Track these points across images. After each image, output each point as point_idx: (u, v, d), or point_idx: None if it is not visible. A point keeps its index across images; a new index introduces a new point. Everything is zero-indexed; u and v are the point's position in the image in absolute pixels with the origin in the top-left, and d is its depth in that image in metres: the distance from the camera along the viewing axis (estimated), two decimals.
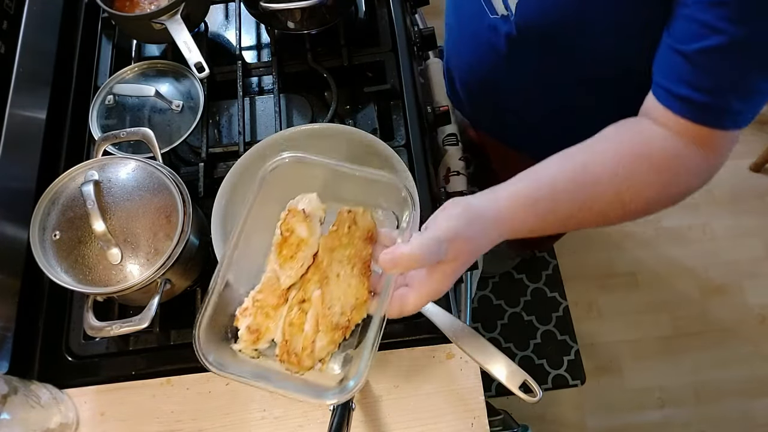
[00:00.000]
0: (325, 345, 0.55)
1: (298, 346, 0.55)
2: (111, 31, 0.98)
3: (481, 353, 0.62)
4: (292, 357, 0.54)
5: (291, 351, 0.54)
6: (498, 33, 0.77)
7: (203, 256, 0.75)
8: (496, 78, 0.86)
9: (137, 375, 0.74)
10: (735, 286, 1.69)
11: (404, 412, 0.69)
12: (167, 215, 0.67)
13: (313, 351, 0.54)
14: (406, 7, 0.97)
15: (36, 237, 0.67)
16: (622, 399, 1.57)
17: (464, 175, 0.93)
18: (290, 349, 0.55)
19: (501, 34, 0.76)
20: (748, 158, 1.83)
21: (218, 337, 0.56)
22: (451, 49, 0.98)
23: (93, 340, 0.75)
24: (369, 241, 0.57)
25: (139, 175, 0.70)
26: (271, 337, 0.56)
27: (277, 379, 0.55)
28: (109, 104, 0.85)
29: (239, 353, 0.57)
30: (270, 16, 0.89)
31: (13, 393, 0.63)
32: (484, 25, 0.79)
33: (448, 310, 0.73)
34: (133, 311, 0.75)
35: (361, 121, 0.92)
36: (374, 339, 0.54)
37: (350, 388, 0.52)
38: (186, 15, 0.85)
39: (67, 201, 0.68)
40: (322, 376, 0.56)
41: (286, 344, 0.55)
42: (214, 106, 0.93)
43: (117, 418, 0.72)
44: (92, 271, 0.65)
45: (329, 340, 0.55)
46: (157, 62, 0.88)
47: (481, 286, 1.70)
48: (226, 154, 0.87)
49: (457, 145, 0.96)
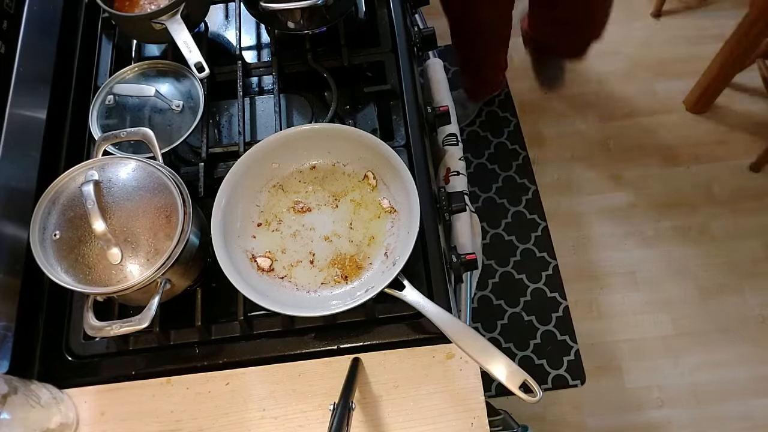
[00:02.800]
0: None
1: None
2: (111, 31, 0.98)
3: (481, 353, 0.63)
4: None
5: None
6: None
7: (203, 256, 0.75)
8: None
9: (137, 375, 0.74)
10: (735, 286, 1.69)
11: (404, 412, 0.69)
12: (167, 215, 0.67)
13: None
14: (406, 7, 0.97)
15: (36, 237, 0.67)
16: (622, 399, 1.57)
17: (464, 175, 0.93)
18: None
19: None
20: (748, 158, 1.83)
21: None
22: None
23: (93, 340, 0.75)
24: None
25: (139, 175, 0.70)
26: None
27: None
28: (109, 104, 0.85)
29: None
30: (270, 16, 0.89)
31: (13, 393, 0.63)
32: None
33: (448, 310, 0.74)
34: (133, 311, 0.75)
35: (361, 121, 0.92)
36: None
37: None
38: (186, 15, 0.85)
39: (67, 201, 0.68)
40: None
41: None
42: (214, 106, 0.93)
43: (117, 418, 0.72)
44: (92, 270, 0.65)
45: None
46: (157, 62, 0.88)
47: (481, 286, 1.70)
48: (226, 154, 0.87)
49: (457, 145, 0.96)
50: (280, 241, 0.77)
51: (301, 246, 0.77)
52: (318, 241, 0.77)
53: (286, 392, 0.72)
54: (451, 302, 0.75)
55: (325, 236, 0.77)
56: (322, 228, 0.77)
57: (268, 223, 0.78)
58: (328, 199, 0.79)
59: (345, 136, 0.78)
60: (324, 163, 0.81)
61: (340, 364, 0.71)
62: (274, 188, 0.80)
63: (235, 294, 0.74)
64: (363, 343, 0.73)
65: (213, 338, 0.75)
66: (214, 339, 0.75)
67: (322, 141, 0.79)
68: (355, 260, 0.75)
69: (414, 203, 0.72)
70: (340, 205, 0.79)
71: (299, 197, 0.79)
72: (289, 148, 0.80)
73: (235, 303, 0.74)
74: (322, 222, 0.78)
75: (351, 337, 0.74)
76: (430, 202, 0.79)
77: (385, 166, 0.77)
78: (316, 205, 0.79)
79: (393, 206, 0.77)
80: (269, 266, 0.75)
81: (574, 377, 1.59)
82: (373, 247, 0.76)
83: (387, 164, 0.76)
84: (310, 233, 0.77)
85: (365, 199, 0.79)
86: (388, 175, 0.78)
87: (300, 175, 0.81)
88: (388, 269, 0.71)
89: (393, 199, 0.78)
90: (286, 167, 0.81)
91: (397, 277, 0.68)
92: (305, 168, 0.81)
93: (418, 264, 0.76)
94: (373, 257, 0.75)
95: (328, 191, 0.80)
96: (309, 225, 0.78)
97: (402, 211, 0.76)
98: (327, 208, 0.79)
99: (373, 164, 0.79)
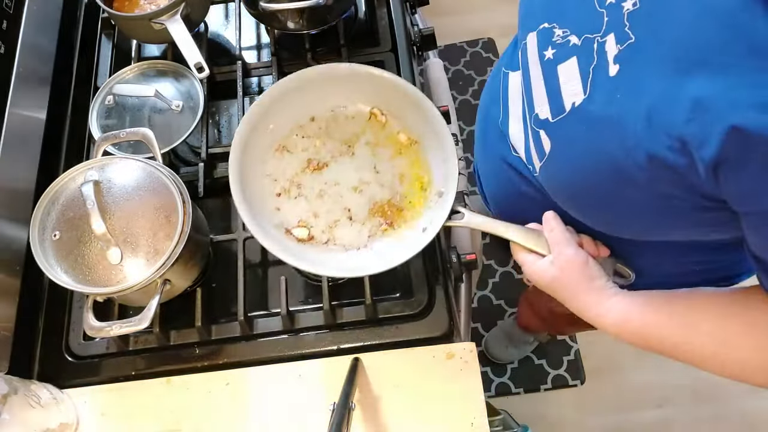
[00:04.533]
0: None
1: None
2: (111, 31, 0.98)
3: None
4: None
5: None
6: (520, 174, 0.68)
7: (203, 256, 0.75)
8: (522, 211, 0.72)
9: (137, 375, 0.74)
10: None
11: (404, 412, 0.69)
12: (167, 215, 0.67)
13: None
14: (406, 7, 0.97)
15: (36, 237, 0.67)
16: (622, 399, 1.57)
17: (464, 175, 0.93)
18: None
19: (524, 177, 0.67)
20: None
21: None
22: (477, 156, 0.86)
23: (93, 340, 0.75)
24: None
25: (138, 175, 0.70)
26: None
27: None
28: (109, 104, 0.85)
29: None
30: (270, 16, 0.89)
31: (13, 393, 0.63)
32: (504, 159, 0.70)
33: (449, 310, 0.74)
34: (133, 311, 0.75)
35: None
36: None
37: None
38: (186, 15, 0.85)
39: (67, 201, 0.68)
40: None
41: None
42: (214, 106, 0.93)
43: (117, 418, 0.72)
44: (92, 271, 0.65)
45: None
46: (157, 62, 0.88)
47: (481, 286, 1.70)
48: (226, 155, 0.86)
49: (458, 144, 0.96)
50: (308, 206, 0.72)
51: (332, 204, 0.71)
52: (348, 195, 0.71)
53: (286, 392, 0.72)
54: (452, 302, 0.75)
55: (353, 187, 0.72)
56: (346, 180, 0.72)
57: (287, 190, 0.73)
58: (341, 148, 0.74)
59: (335, 76, 0.72)
60: (322, 111, 0.75)
61: (340, 364, 0.71)
62: (277, 152, 0.74)
63: (235, 294, 0.74)
64: (363, 343, 0.73)
65: (213, 338, 0.75)
66: (214, 339, 0.75)
67: (312, 88, 0.73)
68: (393, 204, 0.71)
69: (438, 124, 0.68)
70: (356, 152, 0.73)
71: (309, 154, 0.74)
72: (279, 105, 0.73)
73: (235, 303, 0.74)
74: (344, 174, 0.72)
75: (351, 337, 0.74)
76: None
77: (391, 97, 0.72)
78: (331, 158, 0.73)
79: (412, 138, 0.73)
80: (308, 235, 0.70)
81: (574, 377, 1.58)
82: (407, 185, 0.71)
83: (392, 93, 0.71)
84: (336, 189, 0.72)
85: (379, 138, 0.73)
86: (396, 105, 0.73)
87: (301, 130, 0.75)
88: (434, 203, 0.68)
89: (409, 130, 0.73)
90: (283, 126, 0.74)
91: (451, 208, 0.65)
92: (304, 121, 0.75)
93: (419, 264, 0.76)
94: (411, 195, 0.71)
95: (337, 140, 0.74)
96: (332, 181, 0.72)
97: (425, 139, 0.72)
98: (343, 158, 0.73)
99: (375, 99, 0.74)
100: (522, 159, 0.66)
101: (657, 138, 0.44)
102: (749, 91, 0.39)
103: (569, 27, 0.54)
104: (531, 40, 0.61)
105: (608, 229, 0.61)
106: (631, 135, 0.46)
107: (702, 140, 0.41)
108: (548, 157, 0.59)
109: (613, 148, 0.49)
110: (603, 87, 0.50)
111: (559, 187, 0.61)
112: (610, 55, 0.49)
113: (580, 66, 0.52)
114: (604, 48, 0.49)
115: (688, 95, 0.42)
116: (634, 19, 0.47)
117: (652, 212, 0.52)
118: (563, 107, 0.55)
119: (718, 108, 0.40)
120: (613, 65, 0.48)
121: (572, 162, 0.56)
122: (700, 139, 0.42)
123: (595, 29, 0.51)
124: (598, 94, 0.50)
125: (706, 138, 0.41)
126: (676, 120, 0.43)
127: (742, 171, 0.41)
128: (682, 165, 0.44)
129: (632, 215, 0.55)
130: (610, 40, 0.49)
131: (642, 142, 0.46)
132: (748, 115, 0.39)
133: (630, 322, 0.59)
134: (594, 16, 0.51)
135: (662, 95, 0.44)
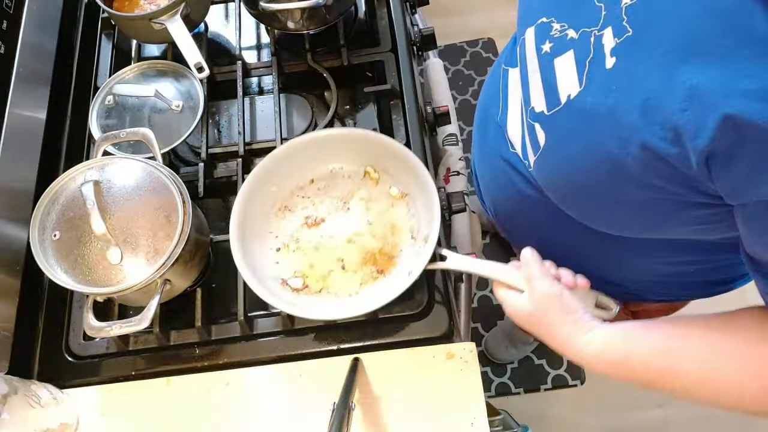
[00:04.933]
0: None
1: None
2: (111, 31, 0.98)
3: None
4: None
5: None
6: (516, 170, 0.68)
7: (203, 256, 0.75)
8: (519, 210, 0.75)
9: (137, 375, 0.74)
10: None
11: (404, 412, 0.69)
12: (167, 215, 0.67)
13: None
14: (406, 7, 0.97)
15: (36, 237, 0.67)
16: (622, 399, 1.57)
17: (464, 175, 0.93)
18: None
19: (520, 173, 0.68)
20: None
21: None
22: (475, 156, 0.88)
23: (93, 340, 0.75)
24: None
25: (138, 175, 0.70)
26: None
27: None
28: (109, 104, 0.85)
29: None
30: (270, 16, 0.89)
31: (13, 393, 0.63)
32: (501, 156, 0.71)
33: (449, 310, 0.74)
34: (133, 311, 0.76)
35: (361, 121, 0.92)
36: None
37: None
38: (186, 15, 0.85)
39: (67, 201, 0.68)
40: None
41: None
42: (214, 106, 0.93)
43: (117, 418, 0.72)
44: (92, 271, 0.65)
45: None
46: (157, 62, 0.88)
47: (481, 286, 1.70)
48: (226, 155, 0.87)
49: (458, 144, 0.96)
50: (305, 258, 0.75)
51: (327, 256, 0.75)
52: (342, 246, 0.75)
53: (286, 392, 0.72)
54: (452, 302, 0.75)
55: (347, 239, 0.76)
56: (341, 233, 0.76)
57: (287, 246, 0.76)
58: (337, 204, 0.78)
59: (332, 140, 0.77)
60: (321, 172, 0.80)
61: (340, 364, 0.71)
62: (279, 211, 0.78)
63: (235, 294, 0.74)
64: (363, 343, 0.73)
65: (213, 338, 0.75)
66: (214, 339, 0.75)
67: (310, 152, 0.78)
68: (384, 252, 0.74)
69: (422, 176, 0.70)
70: (351, 207, 0.78)
71: (308, 212, 0.78)
72: (282, 168, 0.77)
73: (235, 303, 0.74)
74: (339, 227, 0.76)
75: (351, 337, 0.74)
76: None
77: (382, 156, 0.76)
78: (327, 214, 0.78)
79: (402, 191, 0.76)
80: (303, 285, 0.74)
81: (574, 377, 1.58)
82: (398, 235, 0.75)
83: (383, 152, 0.75)
84: (331, 241, 0.76)
85: (373, 194, 0.78)
86: (387, 162, 0.76)
87: (301, 191, 0.79)
88: (420, 248, 0.71)
89: (400, 183, 0.76)
90: (285, 187, 0.79)
91: (434, 253, 0.67)
92: (304, 183, 0.80)
93: None
94: (402, 243, 0.74)
95: (334, 197, 0.78)
96: (327, 234, 0.76)
97: (413, 191, 0.75)
98: (339, 213, 0.78)
99: (369, 158, 0.78)
100: (519, 155, 0.66)
101: (651, 128, 0.45)
102: (743, 80, 0.39)
103: (567, 21, 0.55)
104: (529, 35, 0.61)
105: (602, 226, 0.60)
106: (626, 126, 0.46)
107: (696, 129, 0.41)
108: (542, 150, 0.59)
109: (607, 140, 0.49)
110: (599, 79, 0.50)
111: (553, 182, 0.60)
112: (607, 48, 0.49)
113: (577, 59, 0.52)
114: (601, 41, 0.49)
115: (684, 85, 0.42)
116: (632, 13, 0.47)
117: (646, 208, 0.52)
118: (558, 100, 0.55)
119: (713, 97, 0.40)
120: (609, 58, 0.48)
121: (566, 155, 0.56)
122: (693, 128, 0.42)
123: (592, 23, 0.51)
124: (593, 86, 0.50)
125: (699, 127, 0.41)
126: (670, 109, 0.43)
127: (734, 161, 0.41)
128: (674, 155, 0.44)
129: (627, 211, 0.55)
130: (608, 33, 0.49)
131: (636, 133, 0.46)
132: (741, 104, 0.39)
133: (611, 352, 0.57)
134: (592, 10, 0.51)
135: (658, 86, 0.44)
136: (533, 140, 0.60)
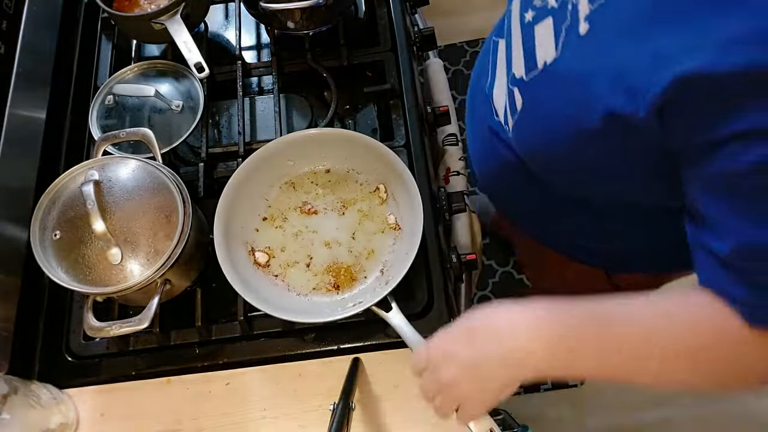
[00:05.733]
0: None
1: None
2: (111, 31, 0.98)
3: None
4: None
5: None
6: (500, 138, 0.70)
7: (203, 256, 0.75)
8: (502, 178, 0.77)
9: (137, 375, 0.74)
10: None
11: (404, 412, 0.69)
12: (167, 215, 0.67)
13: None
14: (406, 7, 0.97)
15: (36, 237, 0.67)
16: (622, 399, 1.57)
17: (464, 175, 0.93)
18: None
19: (502, 140, 0.70)
20: None
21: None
22: (467, 127, 0.90)
23: (93, 340, 0.75)
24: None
25: (139, 175, 0.70)
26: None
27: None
28: (109, 104, 0.85)
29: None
30: (270, 16, 0.89)
31: (13, 393, 0.63)
32: (488, 125, 0.73)
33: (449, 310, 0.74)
34: (133, 311, 0.75)
35: (361, 121, 0.92)
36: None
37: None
38: (186, 15, 0.84)
39: (67, 201, 0.68)
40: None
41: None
42: (214, 106, 0.93)
43: (117, 418, 0.72)
44: (92, 271, 0.65)
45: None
46: (157, 62, 0.88)
47: (481, 286, 1.70)
48: (226, 154, 0.87)
49: (457, 144, 0.96)
50: (282, 239, 0.77)
51: (300, 247, 0.76)
52: (318, 246, 0.76)
53: (286, 392, 0.72)
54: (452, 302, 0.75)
55: (326, 242, 0.76)
56: (324, 233, 0.77)
57: (273, 218, 0.78)
58: (336, 204, 0.79)
59: (364, 145, 0.77)
60: (339, 168, 0.80)
61: (340, 364, 0.71)
62: (285, 185, 0.80)
63: (235, 294, 0.74)
64: (363, 343, 0.73)
65: (213, 338, 0.75)
66: (214, 339, 0.75)
67: (341, 145, 0.79)
68: (350, 271, 0.75)
69: (418, 225, 0.70)
70: (346, 213, 0.78)
71: (308, 198, 0.79)
72: (307, 148, 0.79)
73: (235, 303, 0.74)
74: (326, 227, 0.77)
75: (351, 337, 0.74)
76: (430, 203, 0.79)
77: (397, 182, 0.76)
78: (323, 209, 0.78)
79: (398, 223, 0.76)
80: (266, 262, 0.75)
81: None
82: (371, 261, 0.75)
83: (400, 180, 0.75)
84: (311, 236, 0.77)
85: (372, 212, 0.78)
86: (398, 191, 0.77)
87: (313, 176, 0.80)
88: (380, 286, 0.70)
89: (400, 216, 0.77)
90: (301, 166, 0.80)
91: (386, 297, 0.67)
92: (320, 170, 0.81)
93: (419, 264, 0.76)
94: (369, 272, 0.74)
95: (337, 197, 0.79)
96: (312, 227, 0.77)
97: (405, 229, 0.75)
98: (333, 213, 0.78)
99: (386, 178, 0.78)
100: (501, 122, 0.68)
101: (616, 92, 0.46)
102: (698, 38, 0.40)
103: None
104: (515, 6, 0.63)
105: (580, 192, 0.62)
106: (595, 90, 0.48)
107: (649, 85, 0.43)
108: (519, 115, 0.61)
109: (576, 104, 0.51)
110: (573, 45, 0.51)
111: (528, 146, 0.62)
112: (582, 15, 0.50)
113: (555, 26, 0.54)
114: (578, 8, 0.51)
115: (649, 49, 0.43)
116: None
117: (618, 170, 0.53)
118: (536, 65, 0.57)
119: (670, 55, 0.41)
120: (583, 24, 0.50)
121: (538, 118, 0.58)
122: (647, 85, 0.43)
123: None
124: (568, 52, 0.52)
125: (653, 83, 0.42)
126: (635, 72, 0.44)
127: (684, 111, 0.42)
128: (630, 111, 0.45)
129: (599, 174, 0.56)
130: (584, 0, 0.50)
131: (602, 97, 0.47)
132: (692, 57, 0.40)
133: (564, 340, 0.51)
134: None
135: (626, 52, 0.45)
136: (512, 105, 0.62)
